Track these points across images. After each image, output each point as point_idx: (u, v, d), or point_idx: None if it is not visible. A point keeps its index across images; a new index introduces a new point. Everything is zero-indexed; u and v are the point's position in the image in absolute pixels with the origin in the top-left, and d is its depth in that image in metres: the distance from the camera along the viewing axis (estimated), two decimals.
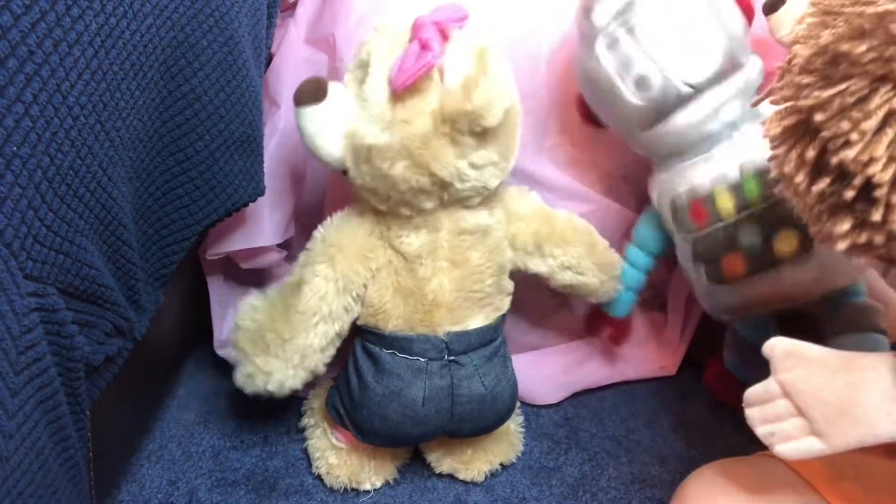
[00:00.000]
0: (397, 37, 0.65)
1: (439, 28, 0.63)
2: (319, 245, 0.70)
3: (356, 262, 0.68)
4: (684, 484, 0.56)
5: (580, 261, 0.77)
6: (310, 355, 0.69)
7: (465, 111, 0.60)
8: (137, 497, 0.75)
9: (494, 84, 0.62)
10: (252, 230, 0.80)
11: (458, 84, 0.61)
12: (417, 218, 0.68)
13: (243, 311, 0.71)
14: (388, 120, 0.63)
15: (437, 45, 0.62)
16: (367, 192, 0.67)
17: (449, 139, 0.62)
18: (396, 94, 0.62)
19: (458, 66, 0.62)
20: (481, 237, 0.70)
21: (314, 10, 0.83)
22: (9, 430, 0.40)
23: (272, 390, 0.69)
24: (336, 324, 0.69)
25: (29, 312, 0.42)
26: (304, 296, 0.68)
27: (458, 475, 0.79)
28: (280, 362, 0.68)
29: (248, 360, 0.69)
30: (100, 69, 0.47)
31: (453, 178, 0.64)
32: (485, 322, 0.72)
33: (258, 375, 0.69)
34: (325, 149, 0.65)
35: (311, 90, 0.64)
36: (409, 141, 0.62)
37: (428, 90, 0.62)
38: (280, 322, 0.68)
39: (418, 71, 0.60)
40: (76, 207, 0.47)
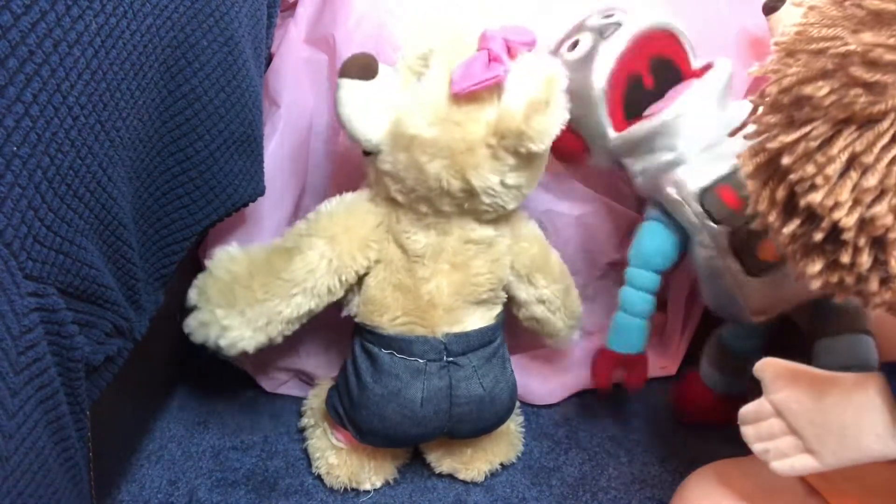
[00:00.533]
0: (463, 41, 0.65)
1: (508, 45, 0.64)
2: (325, 219, 0.69)
3: (356, 249, 0.68)
4: (684, 484, 0.56)
5: (555, 299, 0.78)
6: (275, 322, 0.68)
7: (520, 131, 0.61)
8: (137, 497, 0.75)
9: (554, 115, 0.63)
10: (252, 230, 0.80)
11: (522, 104, 0.62)
12: (431, 218, 0.68)
13: (218, 258, 0.69)
14: (440, 117, 0.63)
15: (507, 61, 0.63)
16: (392, 180, 0.67)
17: (492, 153, 0.63)
18: (457, 95, 0.62)
19: (520, 87, 0.63)
20: (486, 248, 0.71)
21: (314, 10, 0.83)
22: (9, 430, 0.40)
23: (222, 345, 0.68)
24: (313, 301, 0.69)
25: (29, 312, 0.42)
26: (294, 264, 0.67)
27: (458, 475, 0.79)
28: (242, 320, 0.67)
29: (208, 307, 0.68)
30: (100, 69, 0.47)
31: (483, 190, 0.65)
32: (483, 323, 0.72)
33: (213, 325, 0.68)
34: (362, 127, 0.65)
35: (362, 66, 0.64)
36: (455, 142, 0.62)
37: (486, 101, 0.63)
38: (258, 281, 0.67)
39: (487, 80, 0.61)
40: (76, 207, 0.47)
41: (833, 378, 0.46)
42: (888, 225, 0.34)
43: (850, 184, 0.35)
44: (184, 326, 0.69)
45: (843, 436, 0.44)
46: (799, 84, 0.37)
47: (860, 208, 0.35)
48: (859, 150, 0.34)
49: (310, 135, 0.82)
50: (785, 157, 0.37)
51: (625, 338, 0.79)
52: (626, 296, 0.78)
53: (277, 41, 0.83)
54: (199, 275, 0.70)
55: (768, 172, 0.40)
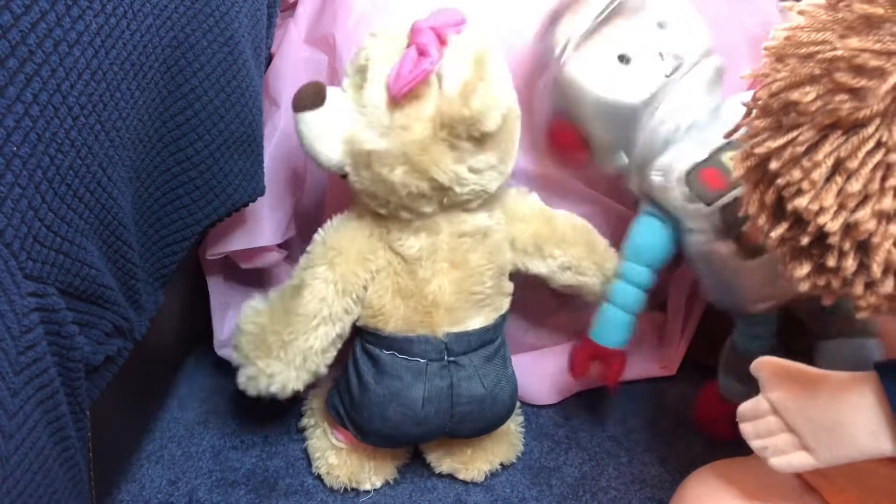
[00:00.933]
0: (395, 42, 0.65)
1: (437, 33, 0.63)
2: (319, 248, 0.70)
3: (355, 265, 0.68)
4: (684, 484, 0.56)
5: (580, 261, 0.77)
6: (311, 357, 0.69)
7: (463, 117, 0.60)
8: (137, 497, 0.75)
9: (492, 89, 0.62)
10: (252, 230, 0.80)
11: (456, 90, 0.61)
12: (417, 221, 0.68)
13: (245, 314, 0.71)
14: (386, 125, 0.63)
15: (435, 51, 0.62)
16: (367, 197, 0.67)
17: (447, 144, 0.62)
18: (395, 100, 0.62)
19: (456, 71, 0.62)
20: (481, 239, 0.70)
21: (314, 10, 0.83)
22: (9, 430, 0.40)
23: (275, 392, 0.69)
24: (337, 325, 0.69)
25: (29, 312, 0.42)
26: (304, 298, 0.68)
27: (458, 475, 0.79)
28: (282, 364, 0.68)
29: (250, 362, 0.69)
30: (100, 69, 0.47)
31: (453, 182, 0.64)
32: (484, 323, 0.72)
33: (261, 378, 0.69)
34: (325, 153, 0.66)
35: (310, 95, 0.65)
36: (407, 147, 0.62)
37: (426, 96, 0.62)
38: (281, 324, 0.68)
39: (416, 77, 0.60)
40: (76, 207, 0.47)
41: (828, 376, 0.46)
42: (871, 230, 0.35)
43: (835, 189, 0.35)
44: (238, 384, 0.71)
45: (838, 433, 0.45)
46: (786, 89, 0.37)
47: (845, 213, 0.35)
48: (844, 156, 0.35)
49: None
50: (773, 162, 0.38)
51: (607, 330, 0.77)
52: (616, 288, 0.76)
53: (277, 41, 0.83)
54: (234, 336, 0.72)
55: (758, 176, 0.40)
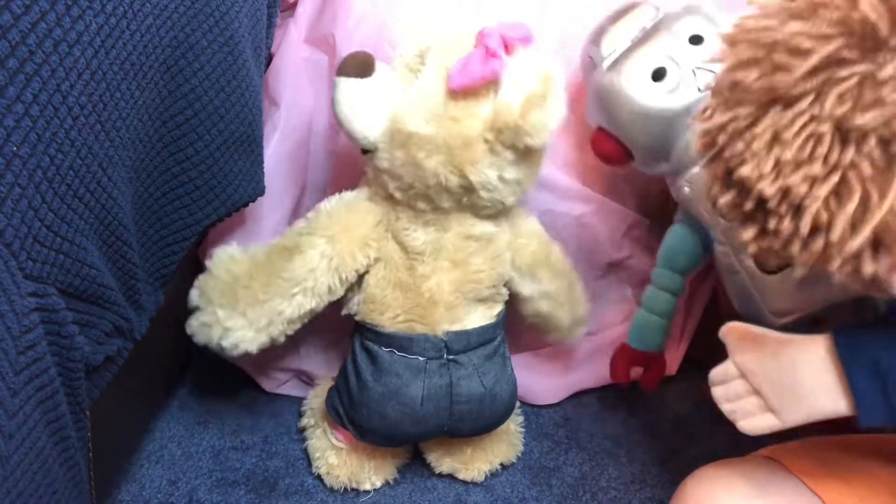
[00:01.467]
0: (460, 38, 0.65)
1: (505, 41, 0.64)
2: (324, 218, 0.69)
3: (356, 247, 0.68)
4: (684, 484, 0.56)
5: (560, 294, 0.78)
6: (276, 322, 0.68)
7: (517, 126, 0.61)
8: (137, 497, 0.75)
9: (551, 109, 0.63)
10: (252, 230, 0.80)
11: (520, 99, 0.62)
12: (430, 214, 0.68)
13: (219, 258, 0.69)
14: (438, 114, 0.63)
15: (504, 57, 0.63)
16: (390, 177, 0.67)
17: (489, 148, 0.63)
18: (454, 92, 0.62)
19: (516, 82, 0.63)
20: (485, 244, 0.71)
21: (314, 10, 0.83)
22: (9, 430, 0.40)
23: (225, 346, 0.68)
24: (314, 300, 0.69)
25: (29, 312, 0.42)
26: (294, 263, 0.67)
27: (458, 475, 0.79)
28: (244, 321, 0.67)
29: (209, 308, 0.68)
30: (100, 69, 0.47)
31: (481, 185, 0.65)
32: (484, 321, 0.72)
33: (215, 327, 0.67)
34: (360, 125, 0.65)
35: (359, 64, 0.65)
36: (452, 138, 0.62)
37: (483, 97, 0.63)
38: (259, 281, 0.67)
39: (483, 76, 0.61)
40: (76, 207, 0.47)
41: (790, 340, 0.49)
42: (803, 193, 0.38)
43: (772, 158, 0.39)
44: (186, 327, 0.69)
45: (799, 394, 0.47)
46: (732, 70, 0.41)
47: (781, 179, 0.38)
48: (781, 128, 0.38)
49: (310, 135, 0.82)
50: (720, 136, 0.41)
51: (644, 335, 0.81)
52: (649, 294, 0.80)
53: (277, 41, 0.83)
54: (200, 276, 0.70)
55: (709, 150, 0.43)
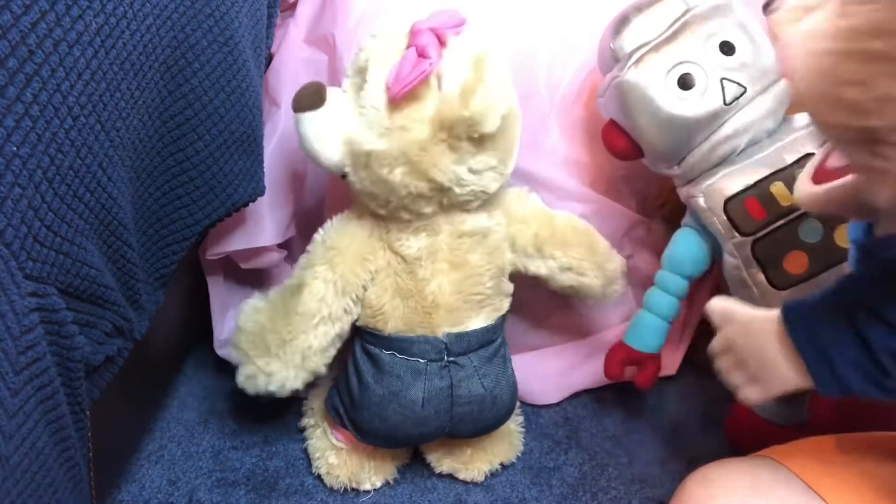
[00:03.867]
0: (394, 42, 0.65)
1: (436, 34, 0.63)
2: (319, 247, 0.70)
3: (355, 265, 0.68)
4: (684, 484, 0.56)
5: (581, 262, 0.76)
6: (310, 356, 0.69)
7: (462, 118, 0.60)
8: (137, 497, 0.75)
9: (492, 90, 0.62)
10: (252, 230, 0.80)
11: (456, 91, 0.61)
12: (417, 222, 0.68)
13: (245, 313, 0.71)
14: (386, 126, 0.63)
15: (434, 52, 0.62)
16: (367, 197, 0.67)
17: (447, 145, 0.62)
18: (394, 101, 0.62)
19: (455, 72, 0.62)
20: (481, 239, 0.70)
21: (314, 10, 0.83)
22: (9, 430, 0.40)
23: (273, 390, 0.69)
24: (336, 325, 0.69)
25: (29, 312, 0.42)
26: (304, 297, 0.68)
27: (458, 475, 0.79)
28: (281, 363, 0.68)
29: (249, 361, 0.69)
30: (100, 69, 0.47)
31: (452, 183, 0.64)
32: (484, 323, 0.72)
33: (259, 376, 0.69)
34: (324, 154, 0.66)
35: (310, 95, 0.65)
36: (407, 147, 0.62)
37: (426, 97, 0.62)
38: (280, 323, 0.68)
39: (415, 79, 0.61)
40: (76, 207, 0.47)
41: (752, 316, 0.52)
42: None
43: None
44: (237, 383, 0.71)
45: (769, 368, 0.50)
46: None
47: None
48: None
49: None
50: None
51: (643, 336, 0.80)
52: (653, 297, 0.79)
53: (277, 41, 0.83)
54: (234, 334, 0.72)
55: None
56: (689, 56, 0.70)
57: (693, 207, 0.75)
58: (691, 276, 0.78)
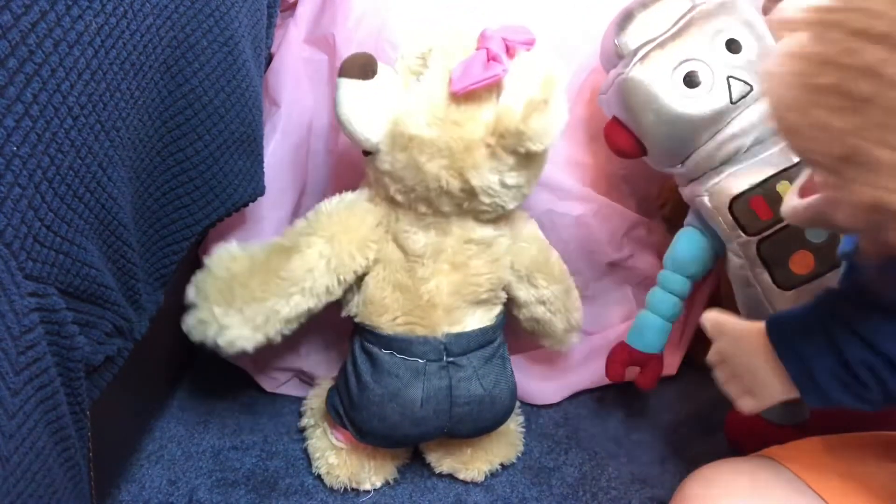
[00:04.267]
0: (462, 41, 0.65)
1: (507, 44, 0.64)
2: (324, 219, 0.69)
3: (355, 248, 0.68)
4: (684, 484, 0.56)
5: (556, 300, 0.78)
6: (273, 321, 0.68)
7: (518, 131, 0.61)
8: (137, 497, 0.75)
9: (553, 114, 0.63)
10: (252, 230, 0.80)
11: (521, 104, 0.61)
12: (430, 217, 0.68)
13: (218, 256, 0.69)
14: (439, 117, 0.63)
15: (505, 61, 0.62)
16: (391, 180, 0.66)
17: (491, 152, 0.63)
18: (456, 95, 0.62)
19: (518, 86, 0.63)
20: (485, 248, 0.71)
21: (314, 10, 0.83)
22: (9, 430, 0.40)
23: (221, 344, 0.67)
24: (311, 300, 0.68)
25: (29, 312, 0.42)
26: (293, 263, 0.67)
27: (458, 475, 0.79)
28: (240, 318, 0.67)
29: (206, 305, 0.67)
30: (100, 69, 0.47)
31: (482, 190, 0.65)
32: (483, 323, 0.72)
33: (211, 324, 0.67)
34: (361, 127, 0.65)
35: (361, 65, 0.64)
36: (454, 142, 0.62)
37: (485, 100, 0.63)
38: (257, 279, 0.67)
39: (485, 80, 0.61)
40: (76, 207, 0.47)
41: (743, 328, 0.54)
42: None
43: None
44: (182, 324, 0.69)
45: (759, 379, 0.51)
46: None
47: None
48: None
49: (310, 135, 0.82)
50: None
51: (645, 336, 0.80)
52: (655, 297, 0.79)
53: (277, 41, 0.83)
54: (198, 272, 0.69)
55: None
56: (696, 53, 0.69)
57: (697, 207, 0.75)
58: (694, 275, 0.78)
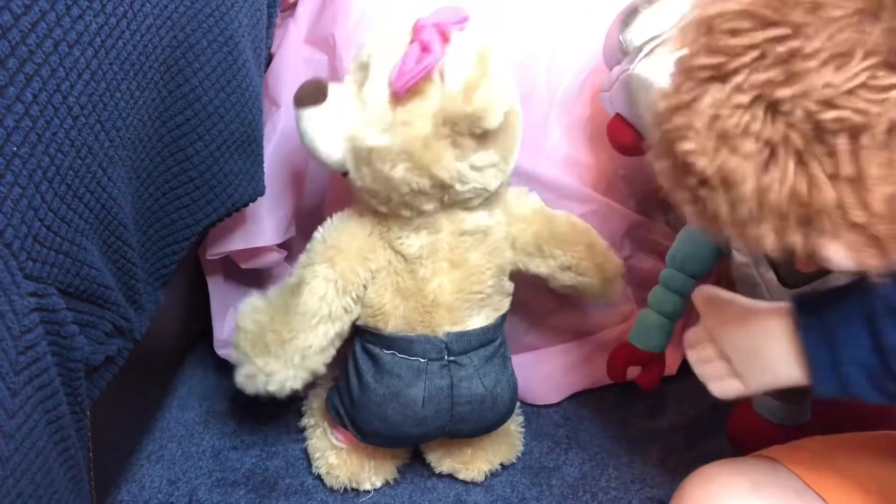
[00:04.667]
0: (397, 38, 0.64)
1: (440, 30, 0.63)
2: (319, 246, 0.70)
3: (355, 263, 0.68)
4: (684, 484, 0.56)
5: (580, 261, 0.76)
6: (310, 356, 0.69)
7: (465, 113, 0.60)
8: (137, 497, 0.75)
9: (495, 86, 0.61)
10: (252, 230, 0.80)
11: (459, 86, 0.61)
12: (418, 219, 0.68)
13: (244, 312, 0.71)
14: (388, 122, 0.63)
15: (438, 47, 0.62)
16: (368, 194, 0.67)
17: (449, 141, 0.62)
18: (397, 96, 0.62)
19: (458, 68, 0.62)
20: (481, 238, 0.70)
21: (314, 10, 0.83)
22: (9, 430, 0.40)
23: (273, 391, 0.69)
24: (336, 324, 0.69)
25: (29, 312, 0.42)
26: (304, 297, 0.68)
27: (458, 475, 0.79)
28: (280, 363, 0.68)
29: (248, 360, 0.69)
30: (100, 69, 0.47)
31: (454, 180, 0.64)
32: (484, 322, 0.72)
33: (259, 376, 0.69)
34: (326, 151, 0.66)
35: (312, 92, 0.65)
36: (409, 143, 0.62)
37: (428, 92, 0.62)
38: (280, 323, 0.68)
39: (419, 73, 0.60)
40: (76, 207, 0.47)
41: (754, 307, 0.50)
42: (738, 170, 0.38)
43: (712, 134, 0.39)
44: (235, 383, 0.71)
45: (759, 360, 0.49)
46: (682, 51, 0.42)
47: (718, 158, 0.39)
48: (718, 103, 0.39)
49: None
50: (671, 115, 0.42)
51: (648, 335, 0.79)
52: (657, 295, 0.78)
53: (277, 41, 0.83)
54: (233, 334, 0.72)
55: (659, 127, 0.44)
56: None
57: None
58: (697, 274, 0.77)
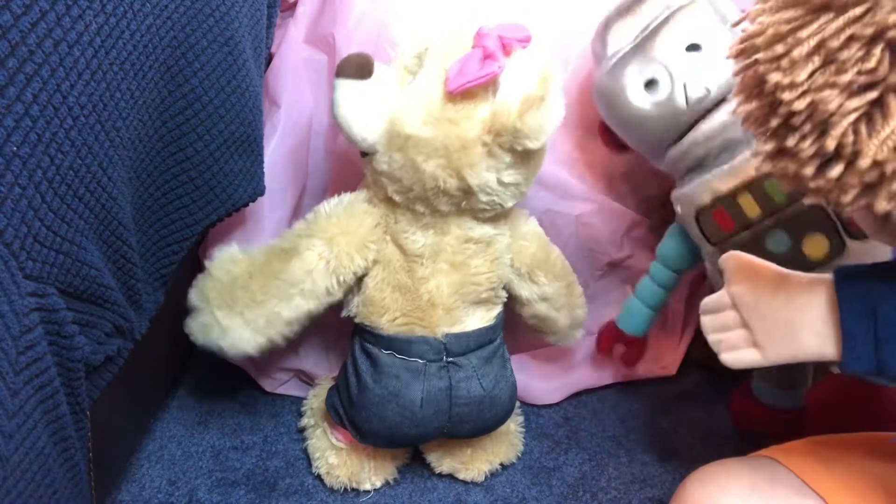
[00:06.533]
0: (459, 39, 0.65)
1: (503, 42, 0.64)
2: (323, 220, 0.69)
3: (354, 250, 0.68)
4: (684, 484, 0.56)
5: (559, 297, 0.78)
6: (274, 323, 0.68)
7: (515, 128, 0.61)
8: (137, 497, 0.75)
9: (550, 110, 0.63)
10: (252, 230, 0.80)
11: (517, 101, 0.61)
12: (429, 218, 0.68)
13: (219, 259, 0.69)
14: (434, 116, 0.63)
15: (501, 58, 0.62)
16: (389, 180, 0.66)
17: (487, 150, 0.63)
18: (452, 94, 0.62)
19: (514, 83, 0.63)
20: (485, 247, 0.71)
21: (314, 10, 0.83)
22: (9, 430, 0.40)
23: (223, 346, 0.68)
24: (312, 302, 0.68)
25: (29, 312, 0.42)
26: (292, 265, 0.67)
27: (458, 475, 0.79)
28: (241, 321, 0.67)
29: (207, 309, 0.68)
30: (100, 69, 0.47)
31: (480, 188, 0.65)
32: (483, 323, 0.72)
33: (213, 328, 0.67)
34: (358, 127, 0.65)
35: (358, 65, 0.64)
36: (450, 141, 0.62)
37: (481, 98, 0.63)
38: (257, 282, 0.67)
39: (480, 79, 0.61)
40: (76, 207, 0.47)
41: (790, 276, 0.49)
42: (832, 109, 0.35)
43: (809, 67, 0.36)
44: (184, 327, 0.69)
45: (786, 331, 0.47)
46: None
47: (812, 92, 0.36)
48: (827, 35, 0.35)
49: (310, 135, 0.82)
50: (760, 38, 0.39)
51: (631, 320, 0.85)
52: (643, 285, 0.84)
53: (277, 41, 0.83)
54: (199, 276, 0.70)
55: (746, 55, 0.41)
56: (658, 59, 0.71)
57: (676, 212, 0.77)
58: (678, 269, 0.81)
